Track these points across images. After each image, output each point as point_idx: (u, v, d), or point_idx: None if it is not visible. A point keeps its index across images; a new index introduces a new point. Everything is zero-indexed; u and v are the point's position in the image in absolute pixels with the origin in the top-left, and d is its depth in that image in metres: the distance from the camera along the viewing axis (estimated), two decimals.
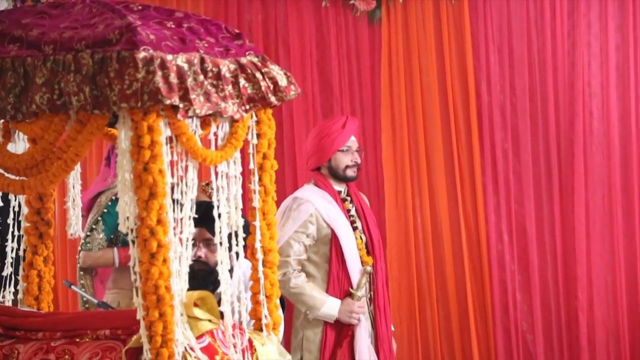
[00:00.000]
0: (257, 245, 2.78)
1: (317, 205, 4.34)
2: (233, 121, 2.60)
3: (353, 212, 4.42)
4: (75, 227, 3.00)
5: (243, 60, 2.60)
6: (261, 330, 2.81)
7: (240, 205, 2.69)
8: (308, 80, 5.28)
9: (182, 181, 2.46)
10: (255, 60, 2.64)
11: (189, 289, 2.54)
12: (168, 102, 2.30)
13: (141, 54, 2.29)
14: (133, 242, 2.36)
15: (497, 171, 5.10)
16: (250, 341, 2.72)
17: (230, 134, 2.61)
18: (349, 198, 4.46)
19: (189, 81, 2.37)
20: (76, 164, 2.54)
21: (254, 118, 2.72)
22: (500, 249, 5.11)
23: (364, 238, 4.40)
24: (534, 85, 5.08)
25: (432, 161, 5.15)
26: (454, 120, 5.13)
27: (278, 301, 2.88)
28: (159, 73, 2.29)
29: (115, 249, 4.47)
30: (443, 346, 5.16)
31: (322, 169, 4.44)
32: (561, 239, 5.07)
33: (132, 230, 2.35)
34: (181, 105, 2.35)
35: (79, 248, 4.49)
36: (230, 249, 2.67)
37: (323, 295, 4.29)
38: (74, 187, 2.98)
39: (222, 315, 2.66)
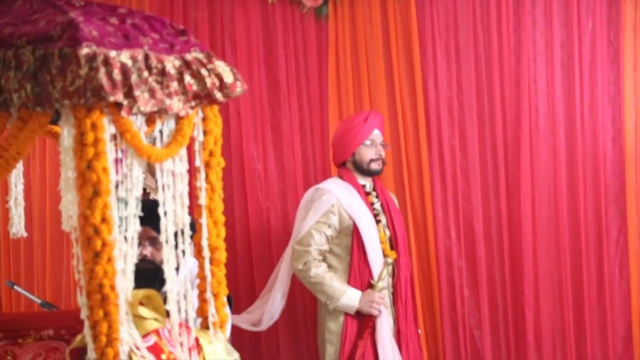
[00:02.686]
0: (204, 243, 2.76)
1: (338, 196, 4.37)
2: (178, 118, 2.58)
3: (377, 206, 4.45)
4: (18, 226, 2.96)
5: (188, 56, 2.57)
6: (208, 328, 2.79)
7: (187, 203, 2.67)
8: (255, 76, 5.26)
9: (127, 179, 2.44)
10: (200, 56, 2.62)
11: (135, 288, 2.51)
12: (112, 99, 2.27)
13: (84, 50, 2.25)
14: (77, 240, 2.33)
15: (445, 168, 5.13)
16: (196, 340, 2.70)
17: (176, 131, 2.59)
18: (374, 193, 4.48)
19: (133, 78, 2.34)
20: (18, 162, 2.50)
21: (200, 115, 2.70)
22: (447, 246, 5.15)
23: (387, 232, 4.43)
24: (480, 81, 5.12)
25: None
26: (401, 117, 5.15)
27: (225, 299, 2.86)
28: (102, 69, 2.26)
29: None
30: None
31: (347, 163, 4.49)
32: (508, 235, 5.11)
33: (75, 228, 2.32)
34: (125, 102, 2.32)
35: None
36: (176, 247, 2.65)
37: (343, 286, 4.30)
38: (16, 185, 2.94)
39: (168, 313, 2.64)
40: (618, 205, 5.01)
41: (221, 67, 2.65)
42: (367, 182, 4.51)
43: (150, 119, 2.50)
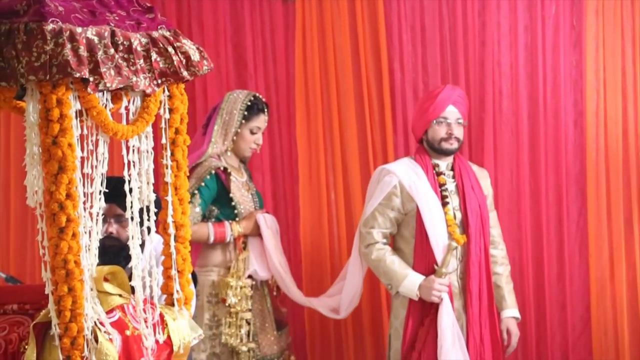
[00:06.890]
0: (169, 220, 2.78)
1: (401, 177, 4.24)
2: (145, 95, 2.59)
3: (451, 187, 4.30)
4: None
5: (155, 34, 2.58)
6: (173, 305, 2.81)
7: (152, 180, 2.69)
8: (222, 56, 5.25)
9: (92, 155, 2.45)
10: (167, 34, 2.63)
11: (101, 265, 2.53)
12: (77, 75, 2.28)
13: (49, 26, 2.26)
14: (41, 216, 2.34)
15: (409, 149, 5.14)
16: (161, 316, 2.72)
17: (142, 109, 2.60)
18: (450, 172, 4.34)
19: (100, 54, 2.35)
20: None
21: (166, 92, 2.71)
22: None
23: (458, 215, 4.27)
24: (445, 64, 5.14)
25: (345, 138, 5.18)
26: (367, 98, 5.15)
27: (190, 276, 2.88)
28: (68, 45, 2.27)
29: (210, 224, 4.39)
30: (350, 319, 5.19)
31: (423, 141, 4.37)
32: None
33: (40, 204, 2.33)
34: (91, 79, 2.33)
35: None
36: (141, 224, 2.67)
37: (405, 270, 4.17)
38: None
39: (133, 290, 2.66)
40: (579, 187, 5.05)
41: (188, 45, 2.67)
42: (444, 162, 4.34)
43: (116, 96, 2.51)
